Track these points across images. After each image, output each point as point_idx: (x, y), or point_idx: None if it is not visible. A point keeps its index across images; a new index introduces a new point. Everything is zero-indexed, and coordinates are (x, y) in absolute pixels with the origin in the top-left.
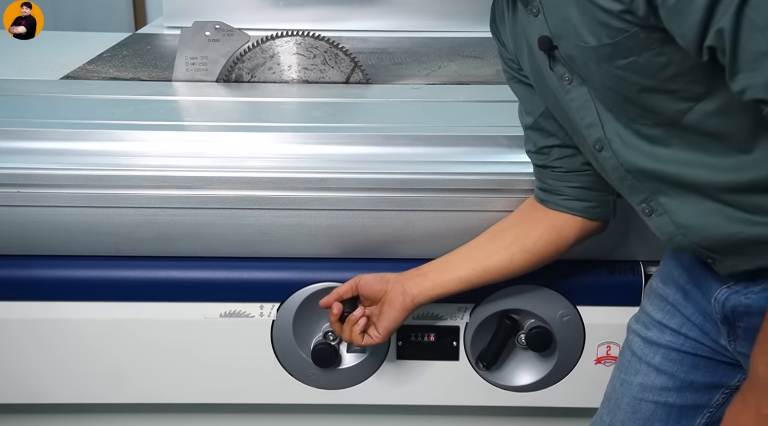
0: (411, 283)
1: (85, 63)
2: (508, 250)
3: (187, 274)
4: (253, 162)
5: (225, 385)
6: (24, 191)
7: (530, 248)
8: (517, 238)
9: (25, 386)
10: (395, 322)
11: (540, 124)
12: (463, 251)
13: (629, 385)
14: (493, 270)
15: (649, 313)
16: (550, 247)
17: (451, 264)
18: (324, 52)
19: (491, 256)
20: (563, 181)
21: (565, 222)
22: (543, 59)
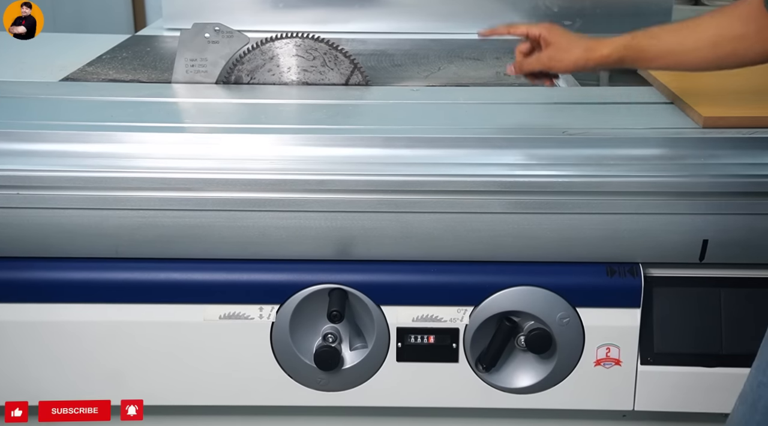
0: (580, 42)
1: (84, 65)
2: (719, 61)
3: (187, 276)
4: (252, 164)
5: (224, 387)
6: (23, 193)
7: (735, 63)
8: (733, 53)
9: (25, 387)
10: (573, 62)
11: None
12: (669, 42)
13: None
14: (685, 66)
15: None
16: (751, 62)
17: (658, 41)
18: (323, 54)
19: (692, 56)
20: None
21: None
22: None
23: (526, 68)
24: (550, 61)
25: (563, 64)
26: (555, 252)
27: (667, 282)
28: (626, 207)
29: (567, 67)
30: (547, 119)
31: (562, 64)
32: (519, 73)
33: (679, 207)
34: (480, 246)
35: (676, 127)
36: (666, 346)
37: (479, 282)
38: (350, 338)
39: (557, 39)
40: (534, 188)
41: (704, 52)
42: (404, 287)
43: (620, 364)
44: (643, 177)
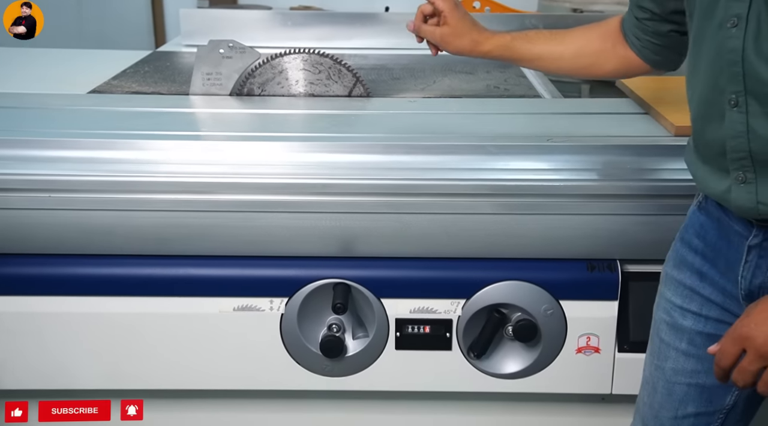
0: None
1: (109, 78)
2: (576, 70)
3: (203, 271)
4: (263, 169)
5: (238, 373)
6: (55, 195)
7: (592, 75)
8: (590, 64)
9: (57, 374)
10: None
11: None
12: (542, 44)
13: (662, 370)
14: (547, 68)
15: (669, 299)
16: (615, 75)
17: (517, 44)
18: (328, 68)
19: (560, 62)
20: (648, 36)
21: (637, 64)
22: None
23: (421, 33)
24: (441, 40)
25: (451, 47)
26: (540, 249)
27: (642, 277)
28: (605, 208)
29: (454, 51)
30: (532, 128)
31: (450, 47)
32: (415, 32)
33: (653, 208)
34: (471, 244)
35: (651, 135)
36: (641, 335)
37: (471, 277)
38: (353, 328)
39: (455, 23)
40: (521, 191)
41: (568, 62)
42: (402, 282)
43: (599, 352)
44: (620, 181)
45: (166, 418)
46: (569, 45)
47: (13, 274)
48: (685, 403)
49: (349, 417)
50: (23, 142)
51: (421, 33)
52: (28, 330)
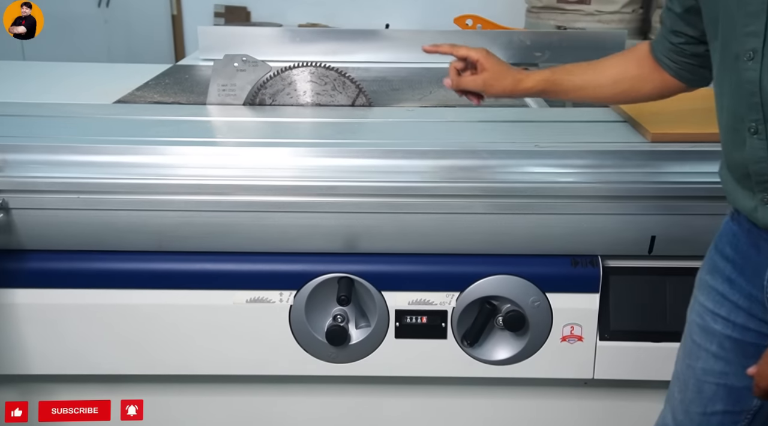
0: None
1: (133, 89)
2: (615, 97)
3: (219, 266)
4: (273, 172)
5: (250, 360)
6: (83, 197)
7: (632, 99)
8: (629, 89)
9: (84, 360)
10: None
11: (684, 15)
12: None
13: (693, 369)
14: (588, 98)
15: (702, 304)
16: (654, 97)
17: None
18: (333, 80)
19: (598, 91)
20: (684, 58)
21: (673, 84)
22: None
23: (463, 86)
24: (484, 85)
25: (494, 90)
26: (528, 246)
27: (622, 271)
28: (587, 208)
29: (497, 93)
30: (521, 135)
31: (494, 90)
32: (455, 88)
33: (631, 208)
34: (465, 241)
35: (629, 141)
36: (620, 324)
37: (464, 271)
38: (356, 319)
39: (492, 67)
40: (510, 193)
41: (608, 89)
42: (401, 276)
43: (582, 340)
44: (602, 183)
45: (186, 401)
46: (607, 73)
47: (46, 269)
48: (714, 401)
49: (352, 400)
50: (54, 148)
51: (462, 85)
52: (60, 320)
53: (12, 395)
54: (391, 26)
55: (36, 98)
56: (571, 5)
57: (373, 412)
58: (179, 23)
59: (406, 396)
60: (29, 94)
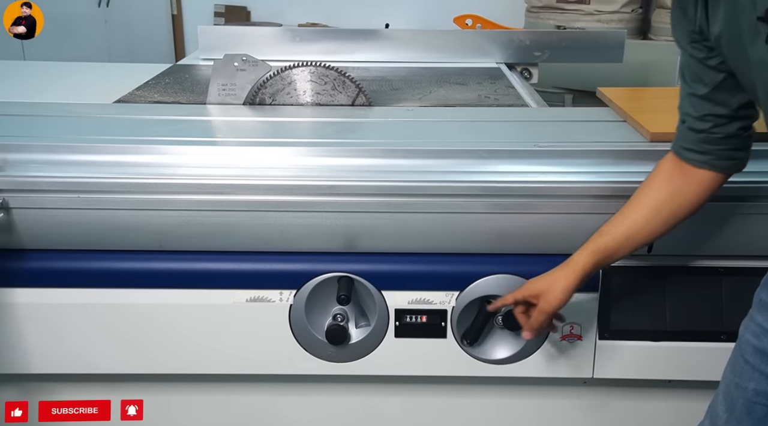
0: (557, 276)
1: (134, 89)
2: (666, 225)
3: (219, 265)
4: (273, 172)
5: (250, 359)
6: (83, 196)
7: (683, 216)
8: (674, 211)
9: (84, 359)
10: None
11: (712, 94)
12: (621, 231)
13: (744, 389)
14: (647, 242)
15: (760, 324)
16: (700, 203)
17: (612, 250)
18: (333, 80)
19: (654, 234)
20: (716, 144)
21: (712, 180)
22: (756, 30)
23: (536, 325)
24: (549, 307)
25: (559, 301)
26: (527, 245)
27: (621, 270)
28: (587, 207)
29: (563, 301)
30: (521, 134)
31: (558, 301)
32: (535, 334)
33: None
34: (464, 240)
35: (628, 141)
36: (620, 323)
37: (464, 271)
38: (356, 318)
39: (540, 287)
40: (510, 192)
41: (653, 224)
42: (401, 275)
43: (581, 339)
44: (601, 182)
45: (186, 401)
46: (643, 211)
47: (46, 268)
48: (764, 423)
49: (352, 399)
50: (55, 147)
51: (536, 325)
52: (60, 319)
53: (12, 395)
54: (390, 26)
55: (36, 98)
56: (571, 5)
57: (373, 411)
58: (179, 23)
59: (405, 395)
60: (29, 93)
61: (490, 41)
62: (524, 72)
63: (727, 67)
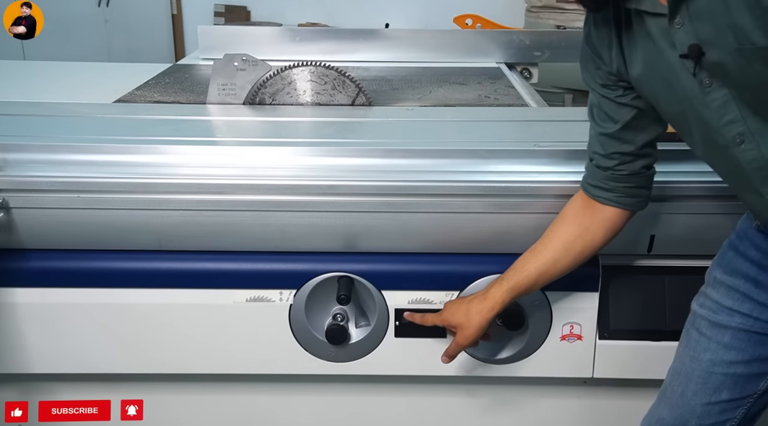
0: (474, 311)
1: (133, 89)
2: (576, 260)
3: (219, 265)
4: (273, 171)
5: (250, 359)
6: (83, 196)
7: (595, 251)
8: (584, 248)
9: (84, 359)
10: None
11: (620, 132)
12: (538, 269)
13: (699, 361)
14: (546, 279)
15: (716, 301)
16: (608, 238)
17: (510, 288)
18: (333, 80)
19: (564, 270)
20: (621, 182)
21: (618, 217)
22: (681, 67)
23: (453, 355)
24: (465, 342)
25: (474, 337)
26: (527, 245)
27: (621, 270)
28: None
29: (477, 336)
30: (520, 134)
31: (473, 337)
32: (451, 360)
33: None
34: (464, 240)
35: None
36: (620, 323)
37: (464, 270)
38: (356, 318)
39: (458, 320)
40: (510, 192)
41: (563, 260)
42: (401, 275)
43: (582, 339)
44: None
45: (186, 400)
46: (552, 247)
47: (46, 268)
48: (720, 391)
49: (352, 399)
50: (55, 147)
51: (452, 354)
52: (60, 319)
53: (12, 395)
54: (390, 26)
55: (36, 97)
56: (571, 5)
57: (373, 410)
58: (179, 23)
59: (405, 395)
60: (29, 93)
61: (490, 41)
62: (524, 72)
63: (639, 103)
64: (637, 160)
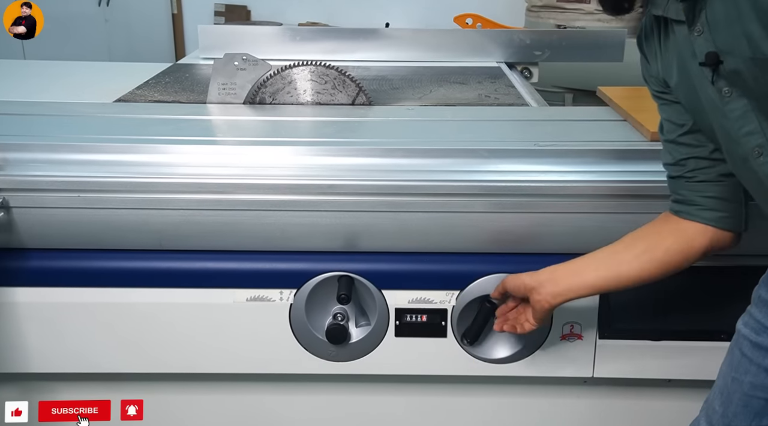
0: (544, 291)
1: (134, 88)
2: (639, 259)
3: (219, 265)
4: (273, 171)
5: (250, 358)
6: (83, 195)
7: (660, 257)
8: (648, 248)
9: (84, 358)
10: (538, 320)
11: (684, 138)
12: (597, 258)
13: (740, 382)
14: (623, 278)
15: (759, 321)
16: (678, 256)
17: (583, 271)
18: (333, 79)
19: (623, 265)
20: (697, 191)
21: (696, 232)
22: (702, 75)
23: (528, 328)
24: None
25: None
26: (527, 245)
27: None
28: (587, 207)
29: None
30: (521, 133)
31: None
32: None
33: (631, 207)
34: (465, 240)
35: (629, 140)
36: (620, 323)
37: (464, 270)
38: (356, 317)
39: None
40: (510, 191)
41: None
42: (401, 274)
43: (582, 339)
44: (601, 182)
45: (186, 400)
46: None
47: (46, 267)
48: (761, 416)
49: (352, 398)
50: (55, 147)
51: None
52: (60, 318)
53: (12, 395)
54: (391, 25)
55: (36, 97)
56: (571, 4)
57: (373, 410)
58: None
59: (405, 394)
60: (30, 92)
61: (491, 40)
62: (524, 71)
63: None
64: (714, 166)
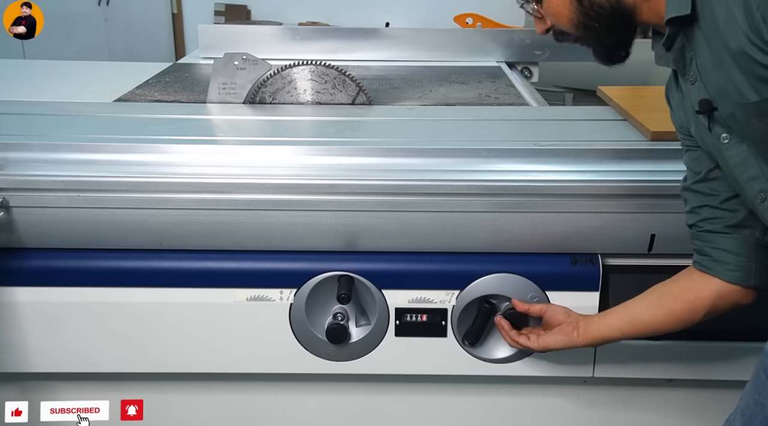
0: (582, 325)
1: (134, 88)
2: (652, 306)
3: (219, 264)
4: (274, 171)
5: (250, 358)
6: (83, 195)
7: (669, 305)
8: (660, 295)
9: (84, 358)
10: (557, 344)
11: (698, 186)
12: (625, 304)
13: (763, 405)
14: (638, 323)
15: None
16: (685, 305)
17: (611, 315)
18: (333, 79)
19: (639, 310)
20: (706, 241)
21: (703, 283)
22: (703, 121)
23: (523, 346)
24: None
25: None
26: (527, 244)
27: (622, 269)
28: (587, 207)
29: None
30: (521, 133)
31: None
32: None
33: (631, 207)
34: (465, 239)
35: (629, 139)
36: None
37: (464, 269)
38: (356, 317)
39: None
40: (510, 191)
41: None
42: (402, 274)
43: None
44: (601, 182)
45: (186, 400)
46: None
47: (47, 267)
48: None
49: (352, 398)
50: (55, 146)
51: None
52: (60, 318)
53: (12, 395)
54: (391, 25)
55: (36, 97)
56: None
57: (373, 409)
58: (179, 22)
59: (406, 394)
60: (30, 92)
61: (491, 40)
62: (524, 71)
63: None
64: (721, 216)
